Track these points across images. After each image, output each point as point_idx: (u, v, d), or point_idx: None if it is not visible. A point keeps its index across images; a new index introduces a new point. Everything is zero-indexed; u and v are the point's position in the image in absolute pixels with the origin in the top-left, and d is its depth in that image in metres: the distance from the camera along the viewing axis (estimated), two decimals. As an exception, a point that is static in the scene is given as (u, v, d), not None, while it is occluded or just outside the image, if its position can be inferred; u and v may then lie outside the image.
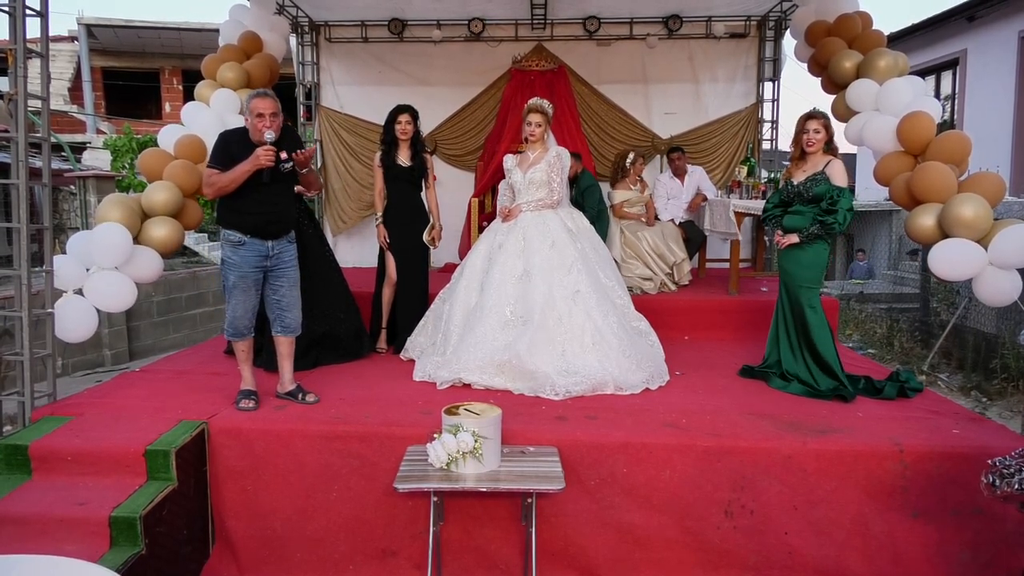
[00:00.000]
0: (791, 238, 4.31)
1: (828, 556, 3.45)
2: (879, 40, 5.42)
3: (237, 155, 3.84)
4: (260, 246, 3.92)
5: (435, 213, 5.30)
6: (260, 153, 3.75)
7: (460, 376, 4.38)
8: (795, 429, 3.66)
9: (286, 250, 4.03)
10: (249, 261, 3.91)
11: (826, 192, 4.20)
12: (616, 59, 8.00)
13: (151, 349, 9.36)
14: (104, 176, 11.44)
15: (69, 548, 3.04)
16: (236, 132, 4.04)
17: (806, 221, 4.27)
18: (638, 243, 6.50)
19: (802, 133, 4.33)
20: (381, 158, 5.18)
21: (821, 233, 4.24)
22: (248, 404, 3.95)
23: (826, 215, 4.19)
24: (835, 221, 4.17)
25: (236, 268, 3.92)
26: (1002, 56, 11.05)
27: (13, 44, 3.92)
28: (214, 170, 3.88)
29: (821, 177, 4.23)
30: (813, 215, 4.25)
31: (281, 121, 3.90)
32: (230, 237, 3.92)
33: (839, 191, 4.19)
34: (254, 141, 3.88)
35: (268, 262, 3.97)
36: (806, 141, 4.31)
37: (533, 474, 3.23)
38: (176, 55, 18.29)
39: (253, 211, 3.89)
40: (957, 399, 6.85)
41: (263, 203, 3.89)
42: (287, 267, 4.03)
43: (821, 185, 4.22)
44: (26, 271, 3.98)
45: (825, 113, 4.54)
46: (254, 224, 3.91)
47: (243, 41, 5.82)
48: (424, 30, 7.87)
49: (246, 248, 3.91)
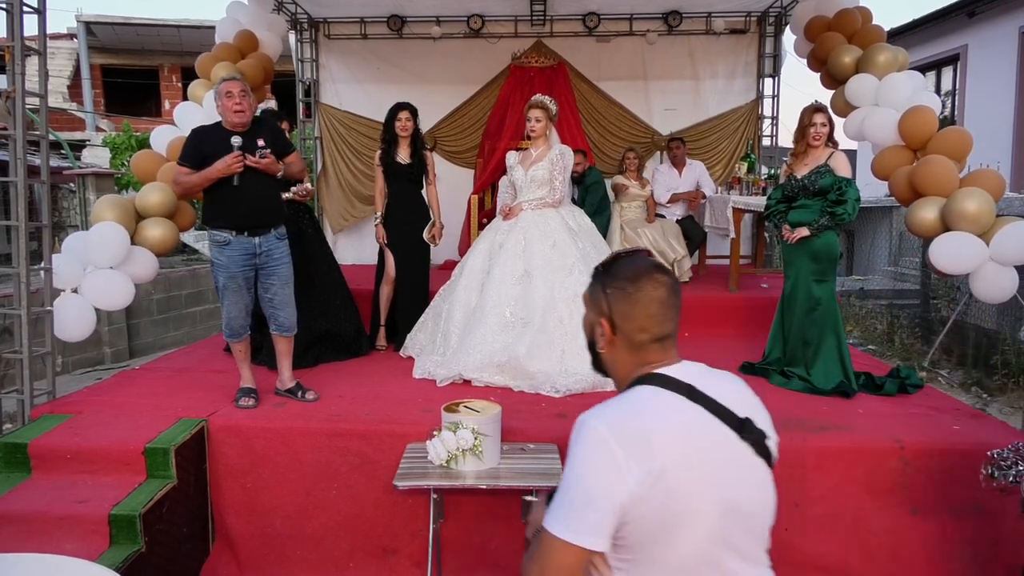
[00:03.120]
0: (801, 231, 4.26)
1: (828, 553, 3.44)
2: (879, 35, 5.40)
3: (209, 153, 3.79)
4: (246, 243, 3.85)
5: (436, 211, 5.28)
6: (229, 160, 3.70)
7: (460, 374, 4.37)
8: (795, 426, 3.66)
9: (276, 247, 3.95)
10: (236, 261, 3.86)
11: (832, 184, 4.18)
12: (616, 55, 7.98)
13: (151, 347, 9.35)
14: (103, 174, 11.42)
15: (69, 546, 3.03)
16: (209, 128, 3.96)
17: (813, 214, 4.25)
18: (638, 240, 6.50)
19: (809, 127, 4.29)
20: (381, 156, 5.16)
21: (831, 224, 4.21)
22: (248, 402, 3.94)
23: (835, 206, 4.17)
24: (845, 211, 4.15)
25: (224, 269, 3.88)
26: (1002, 52, 11.03)
27: (11, 41, 3.91)
28: (184, 168, 3.84)
29: (825, 169, 4.22)
30: (821, 207, 4.22)
31: (251, 101, 3.86)
32: (216, 237, 3.88)
33: (846, 181, 4.18)
34: (226, 127, 3.83)
35: (257, 260, 3.91)
36: (813, 135, 4.27)
37: (533, 471, 3.23)
38: (175, 52, 18.25)
39: (236, 206, 3.82)
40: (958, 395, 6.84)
41: (246, 197, 3.81)
42: (277, 264, 3.95)
43: (827, 177, 4.19)
44: (25, 269, 3.98)
45: (827, 106, 4.52)
46: (238, 220, 3.84)
47: (239, 40, 5.78)
48: (423, 27, 7.85)
49: (232, 248, 3.85)
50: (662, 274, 1.54)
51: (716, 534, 1.40)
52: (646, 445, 1.37)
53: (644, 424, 1.40)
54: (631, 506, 1.35)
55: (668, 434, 1.40)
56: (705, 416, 1.44)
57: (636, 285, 1.51)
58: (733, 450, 1.45)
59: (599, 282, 1.56)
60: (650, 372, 1.50)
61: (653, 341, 1.52)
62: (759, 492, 1.50)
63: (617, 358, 1.56)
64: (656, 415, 1.43)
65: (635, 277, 1.52)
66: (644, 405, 1.45)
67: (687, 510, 1.37)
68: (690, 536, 1.38)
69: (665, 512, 1.36)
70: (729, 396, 1.49)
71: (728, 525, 1.42)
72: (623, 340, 1.53)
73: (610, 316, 1.53)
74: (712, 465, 1.41)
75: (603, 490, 1.35)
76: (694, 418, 1.44)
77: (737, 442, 1.46)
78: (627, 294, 1.51)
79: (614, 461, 1.35)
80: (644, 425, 1.40)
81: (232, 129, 3.83)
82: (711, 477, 1.40)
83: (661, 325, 1.52)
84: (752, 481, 1.48)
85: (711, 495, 1.39)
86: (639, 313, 1.51)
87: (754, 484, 1.48)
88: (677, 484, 1.36)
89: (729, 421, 1.46)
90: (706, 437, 1.43)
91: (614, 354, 1.56)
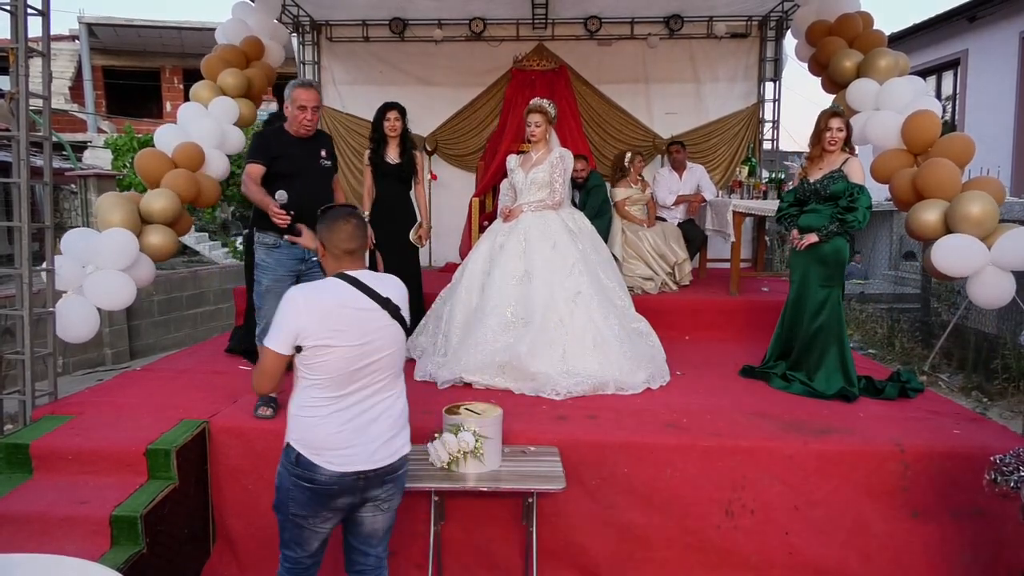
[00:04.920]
0: (810, 238, 4.23)
1: (829, 556, 3.45)
2: (880, 40, 5.41)
3: (276, 154, 3.88)
4: (295, 249, 3.86)
5: (424, 211, 5.28)
6: (275, 211, 3.75)
7: (461, 376, 4.38)
8: (796, 429, 3.66)
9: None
10: (284, 264, 3.89)
11: (844, 190, 4.15)
12: (617, 59, 8.00)
13: (152, 348, 9.36)
14: (105, 175, 11.46)
15: (70, 547, 3.03)
16: (275, 132, 4.06)
17: (823, 219, 4.22)
18: (639, 243, 6.50)
19: (825, 131, 4.25)
20: (370, 156, 5.18)
21: (840, 231, 4.18)
22: (266, 412, 3.79)
23: (846, 213, 4.15)
24: (855, 219, 4.12)
25: (271, 271, 3.89)
26: (1003, 56, 11.05)
27: (15, 43, 3.92)
28: (257, 165, 3.90)
29: (839, 175, 4.19)
30: (832, 213, 4.19)
31: (319, 116, 3.94)
32: (264, 240, 3.90)
33: (859, 188, 4.14)
34: (290, 132, 3.93)
35: (303, 265, 3.93)
36: (828, 139, 4.23)
37: (534, 474, 3.23)
38: (177, 54, 18.28)
39: (291, 210, 3.79)
40: (958, 399, 6.85)
41: (301, 203, 3.79)
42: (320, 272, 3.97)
43: (839, 183, 4.17)
44: (27, 270, 3.98)
45: (845, 111, 4.49)
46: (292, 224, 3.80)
47: (245, 44, 5.78)
48: (425, 30, 7.87)
49: (281, 251, 3.87)
50: (351, 217, 2.60)
51: (354, 359, 2.46)
52: (320, 304, 2.46)
53: (321, 295, 2.50)
54: (304, 334, 2.42)
55: (334, 301, 2.48)
56: (360, 295, 2.51)
57: (335, 223, 2.58)
58: (375, 315, 2.51)
59: (319, 223, 2.63)
60: (339, 271, 2.57)
61: (345, 254, 2.58)
62: (388, 339, 2.54)
63: (327, 264, 2.63)
64: (330, 291, 2.51)
65: (333, 218, 2.59)
66: (326, 286, 2.54)
67: (336, 343, 2.43)
68: (337, 355, 2.44)
69: (321, 340, 2.42)
70: (381, 286, 2.55)
71: (364, 355, 2.47)
72: (329, 254, 2.60)
73: (322, 241, 2.60)
74: (357, 320, 2.47)
75: (290, 323, 2.43)
76: (353, 295, 2.50)
77: (379, 310, 2.52)
78: (329, 228, 2.58)
79: (298, 310, 2.44)
80: (321, 296, 2.50)
81: (296, 136, 3.93)
82: (355, 327, 2.46)
83: (348, 244, 2.57)
84: (384, 333, 2.53)
85: (352, 335, 2.45)
86: (335, 238, 2.57)
87: (386, 335, 2.53)
88: (333, 325, 2.43)
89: (375, 298, 2.52)
90: (357, 304, 2.49)
91: (326, 262, 2.63)
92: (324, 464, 2.48)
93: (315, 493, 2.51)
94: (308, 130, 3.94)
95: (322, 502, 2.53)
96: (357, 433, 2.51)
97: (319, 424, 2.48)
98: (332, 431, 2.48)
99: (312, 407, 2.49)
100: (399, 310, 2.56)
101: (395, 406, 2.64)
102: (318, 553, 2.71)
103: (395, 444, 2.61)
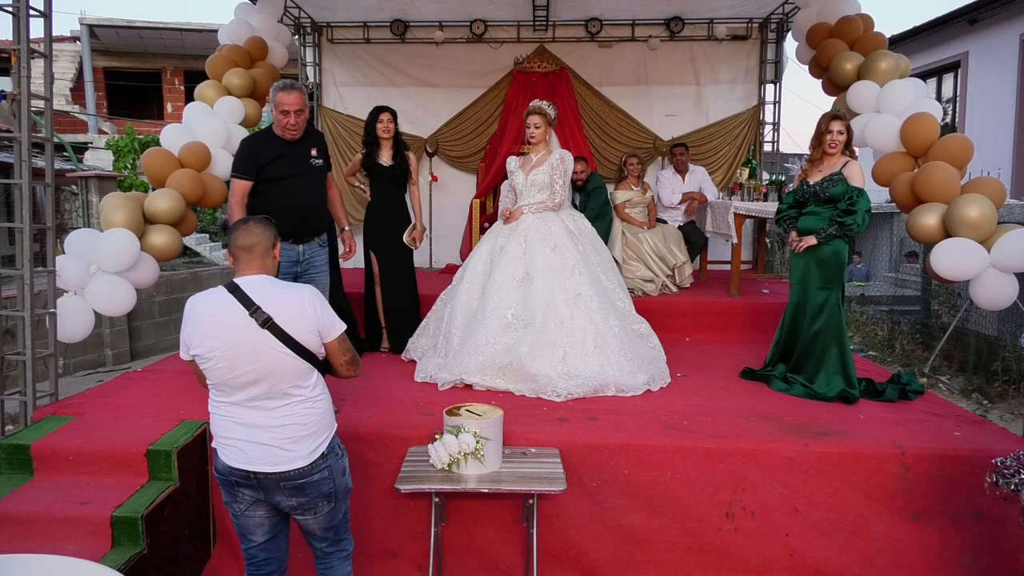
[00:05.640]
0: (809, 240, 4.24)
1: (829, 558, 3.45)
2: (880, 42, 5.42)
3: (265, 163, 3.85)
4: (290, 251, 3.88)
5: (417, 213, 5.29)
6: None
7: (461, 377, 4.38)
8: (796, 431, 3.67)
9: (317, 254, 3.99)
10: (280, 266, 3.88)
11: (843, 193, 4.15)
12: (618, 61, 8.01)
13: (152, 349, 9.37)
14: (106, 176, 11.47)
15: (71, 548, 3.04)
16: (261, 137, 4.04)
17: (822, 222, 4.22)
18: (639, 245, 6.51)
19: (826, 133, 4.26)
20: (363, 159, 5.22)
21: (839, 234, 4.18)
22: None
23: (845, 216, 4.15)
24: (854, 222, 4.12)
25: None
26: (1003, 59, 11.05)
27: (17, 44, 3.93)
28: (242, 181, 3.89)
29: (839, 178, 4.19)
30: (831, 216, 4.20)
31: (306, 117, 3.91)
32: None
33: (857, 192, 4.15)
34: (278, 135, 3.89)
35: (298, 267, 3.94)
36: (829, 142, 4.24)
37: (534, 475, 3.23)
38: (178, 55, 18.29)
39: (283, 212, 3.79)
40: (958, 402, 6.85)
41: (294, 204, 3.84)
42: (317, 272, 3.99)
43: (838, 186, 4.17)
44: (29, 271, 3.98)
45: (846, 114, 4.49)
46: (285, 227, 3.82)
47: (249, 44, 5.79)
48: (426, 31, 7.88)
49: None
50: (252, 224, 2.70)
51: (227, 369, 2.53)
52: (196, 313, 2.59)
53: (200, 305, 2.60)
54: (188, 343, 2.59)
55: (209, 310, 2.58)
56: (234, 303, 2.54)
57: (235, 225, 2.73)
58: (245, 323, 2.52)
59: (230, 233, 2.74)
60: (231, 279, 2.63)
61: (242, 251, 2.64)
62: (257, 345, 2.52)
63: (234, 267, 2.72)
64: (208, 300, 2.60)
65: (237, 226, 2.70)
66: (207, 295, 2.63)
67: (211, 353, 2.53)
68: (213, 363, 2.54)
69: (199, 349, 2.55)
70: (259, 295, 2.56)
71: (236, 366, 2.53)
72: (234, 259, 2.68)
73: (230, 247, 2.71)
74: (227, 330, 2.53)
75: (183, 332, 2.62)
76: (227, 304, 2.55)
77: (248, 318, 2.51)
78: (233, 235, 2.68)
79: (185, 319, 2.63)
80: (198, 305, 2.60)
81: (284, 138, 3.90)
82: (225, 336, 2.52)
83: (242, 240, 2.64)
84: (253, 339, 2.51)
85: (223, 344, 2.52)
86: (231, 238, 2.68)
87: (254, 341, 2.51)
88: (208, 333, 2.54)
89: (247, 306, 2.52)
90: (228, 314, 2.54)
91: (234, 265, 2.70)
92: (220, 454, 2.66)
93: (220, 478, 2.69)
94: (294, 135, 3.92)
95: (227, 488, 2.69)
96: (246, 435, 2.61)
97: (217, 420, 2.66)
98: (226, 428, 2.64)
99: (214, 403, 2.68)
100: (271, 318, 2.51)
101: (292, 416, 2.61)
102: (269, 548, 2.79)
103: (288, 454, 2.59)
